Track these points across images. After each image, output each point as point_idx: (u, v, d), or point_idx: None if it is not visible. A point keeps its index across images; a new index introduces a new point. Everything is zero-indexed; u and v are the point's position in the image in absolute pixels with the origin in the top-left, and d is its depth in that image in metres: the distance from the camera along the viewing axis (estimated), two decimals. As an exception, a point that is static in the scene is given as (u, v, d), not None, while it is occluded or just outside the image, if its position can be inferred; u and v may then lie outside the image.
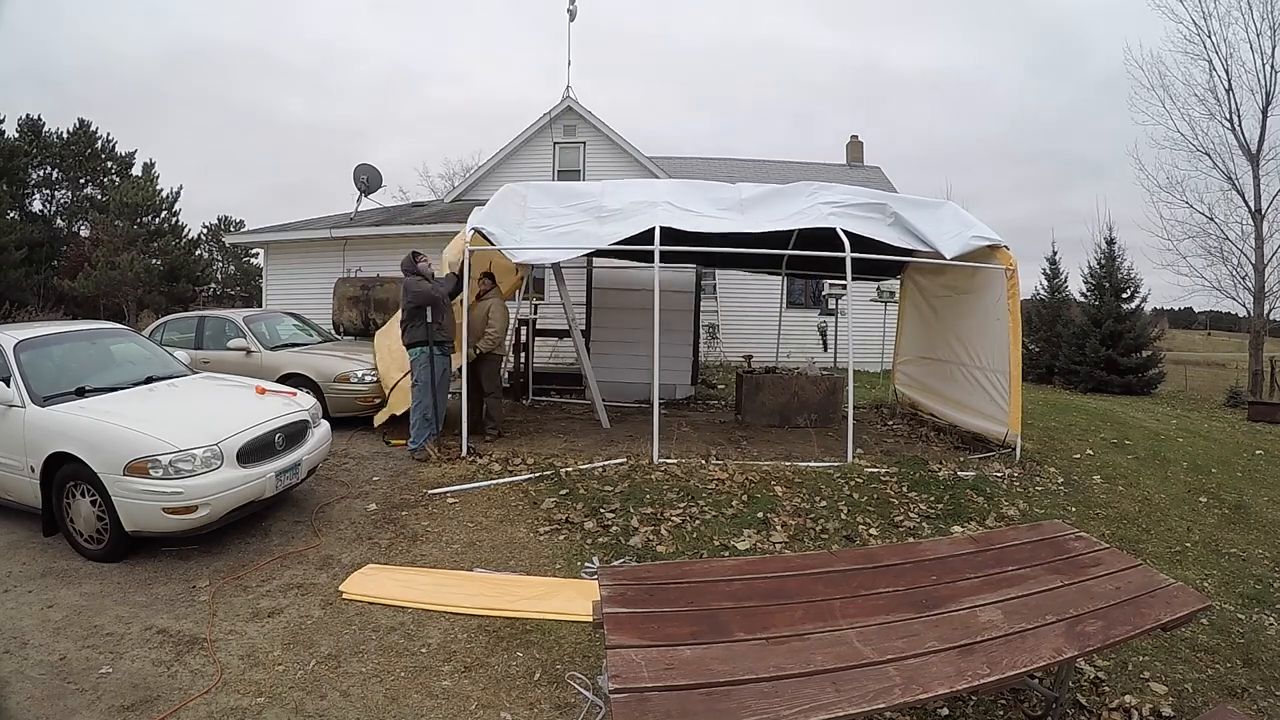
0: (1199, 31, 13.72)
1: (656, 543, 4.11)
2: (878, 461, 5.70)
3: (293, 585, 3.55)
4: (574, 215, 6.25)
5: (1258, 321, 13.79)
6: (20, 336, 4.29)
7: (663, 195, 6.39)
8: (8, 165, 25.67)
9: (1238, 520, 5.06)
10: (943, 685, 1.82)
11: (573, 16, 14.46)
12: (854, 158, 19.31)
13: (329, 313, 10.00)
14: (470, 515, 4.51)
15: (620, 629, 2.06)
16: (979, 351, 6.53)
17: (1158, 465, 6.41)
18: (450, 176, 28.56)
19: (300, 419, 4.46)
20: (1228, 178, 13.83)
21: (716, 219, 6.11)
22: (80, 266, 24.82)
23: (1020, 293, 6.01)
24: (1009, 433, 5.95)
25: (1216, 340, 39.44)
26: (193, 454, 3.63)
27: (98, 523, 3.72)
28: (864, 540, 4.25)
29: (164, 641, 2.99)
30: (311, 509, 4.59)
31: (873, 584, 2.43)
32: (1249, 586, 3.92)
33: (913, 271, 8.19)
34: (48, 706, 2.53)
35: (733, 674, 1.83)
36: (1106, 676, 2.90)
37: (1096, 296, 15.69)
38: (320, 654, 2.92)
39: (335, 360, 6.92)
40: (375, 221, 12.15)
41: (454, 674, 2.81)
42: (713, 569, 2.66)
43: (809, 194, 6.50)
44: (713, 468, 5.33)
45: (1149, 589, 2.41)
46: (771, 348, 10.50)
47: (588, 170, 14.59)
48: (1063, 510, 4.91)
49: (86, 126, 30.21)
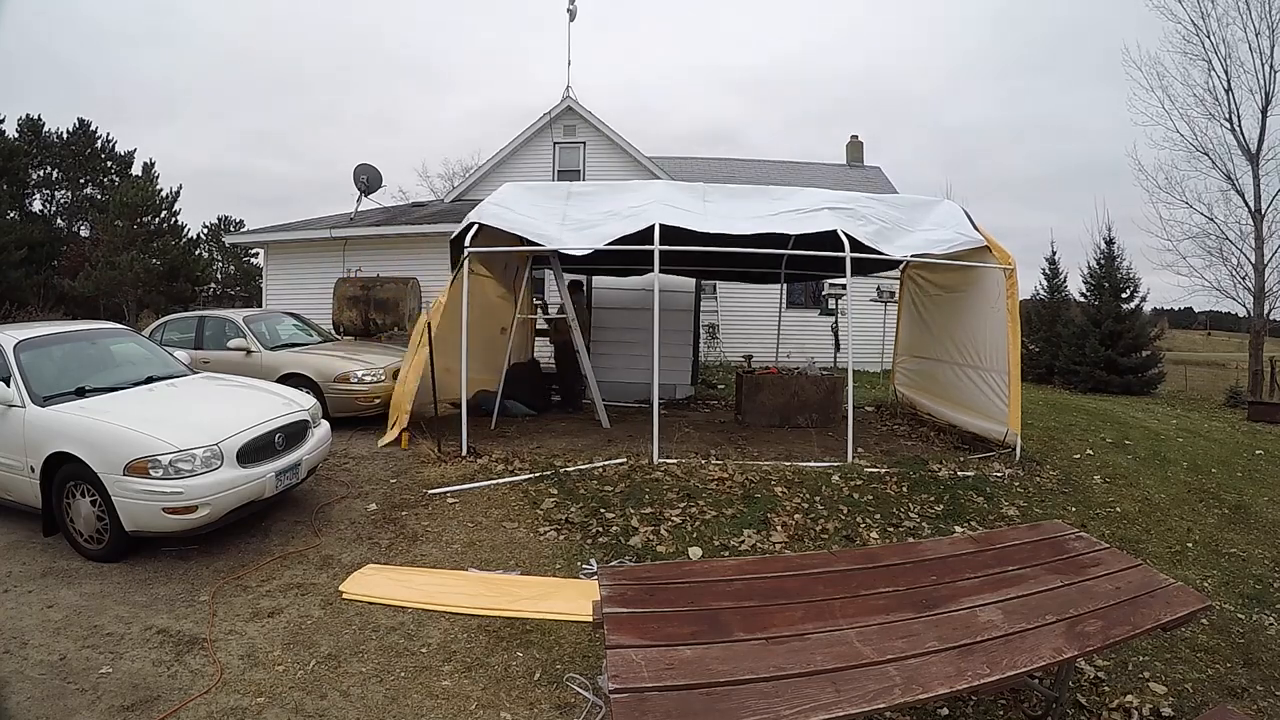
0: (1198, 32, 13.73)
1: (656, 543, 4.11)
2: (878, 461, 5.70)
3: (293, 585, 3.55)
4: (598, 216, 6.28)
5: (1258, 321, 13.78)
6: (20, 336, 4.29)
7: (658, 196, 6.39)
8: (8, 165, 25.69)
9: (1238, 520, 5.06)
10: (943, 685, 1.82)
11: (573, 16, 14.48)
12: (854, 158, 19.30)
13: (329, 313, 10.01)
14: (470, 515, 4.51)
15: (620, 629, 2.06)
16: (979, 351, 6.53)
17: (1158, 465, 6.41)
18: (450, 177, 28.59)
19: (300, 419, 4.46)
20: (1227, 178, 13.84)
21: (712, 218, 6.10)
22: (80, 266, 24.85)
23: (1019, 292, 6.01)
24: (1009, 433, 5.95)
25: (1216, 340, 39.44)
26: (193, 454, 3.63)
27: (98, 523, 3.72)
28: (864, 540, 4.25)
29: (164, 641, 2.99)
30: (311, 509, 4.59)
31: (873, 584, 2.43)
32: (1249, 586, 3.92)
33: (912, 271, 8.20)
34: (48, 706, 2.53)
35: (733, 674, 1.83)
36: (1106, 676, 2.90)
37: (1096, 296, 15.71)
38: (320, 654, 2.92)
39: (335, 360, 6.92)
40: (375, 221, 12.16)
41: (454, 674, 2.81)
42: (713, 569, 2.66)
43: (776, 198, 6.55)
44: (713, 468, 5.32)
45: (1149, 589, 2.41)
46: (771, 348, 10.51)
47: (588, 170, 14.60)
48: (1063, 510, 4.91)
49: (86, 126, 30.24)
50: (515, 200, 6.28)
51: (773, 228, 5.95)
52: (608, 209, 6.16)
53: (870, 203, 6.47)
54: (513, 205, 6.17)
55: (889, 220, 6.27)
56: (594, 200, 6.44)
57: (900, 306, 8.78)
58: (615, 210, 6.11)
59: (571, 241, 5.85)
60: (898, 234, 6.19)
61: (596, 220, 6.01)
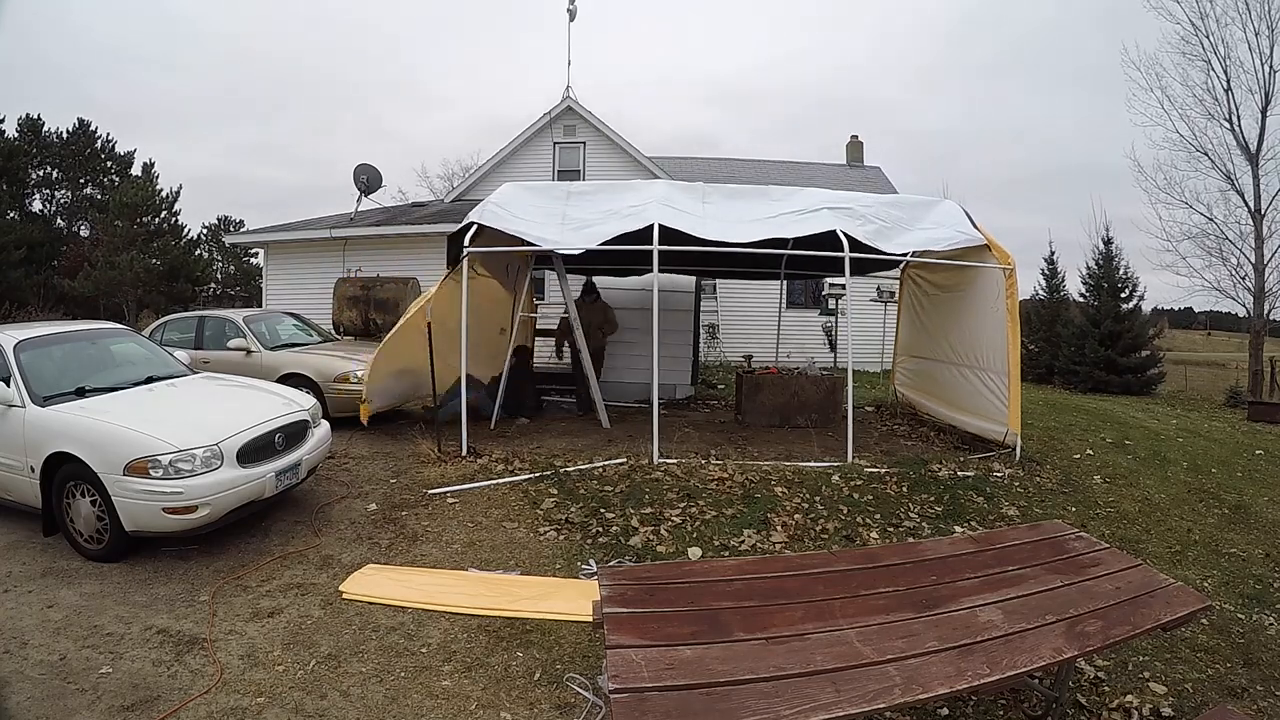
0: (1196, 32, 13.74)
1: (656, 543, 4.11)
2: (878, 461, 5.70)
3: (293, 585, 3.55)
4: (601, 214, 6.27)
5: (1258, 321, 13.79)
6: (20, 336, 4.29)
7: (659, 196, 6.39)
8: (8, 165, 25.70)
9: (1238, 520, 5.06)
10: (943, 685, 1.82)
11: (573, 16, 14.48)
12: (854, 158, 19.30)
13: (329, 313, 10.01)
14: (470, 515, 4.51)
15: (620, 629, 2.06)
16: (978, 351, 6.52)
17: (1158, 465, 6.41)
18: (450, 177, 28.60)
19: (300, 419, 4.46)
20: (1227, 178, 13.86)
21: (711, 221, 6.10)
22: (80, 266, 24.84)
23: (1019, 292, 6.01)
24: (1009, 433, 5.95)
25: (1216, 340, 39.43)
26: (193, 454, 3.63)
27: (98, 523, 3.71)
28: (864, 540, 4.25)
29: (164, 641, 2.99)
30: (311, 509, 4.59)
31: (873, 584, 2.43)
32: (1249, 586, 3.92)
33: (912, 271, 8.20)
34: (48, 706, 2.53)
35: (733, 674, 1.83)
36: (1106, 676, 2.90)
37: (1095, 296, 15.71)
38: (320, 654, 2.92)
39: (335, 360, 6.92)
40: (375, 221, 12.16)
41: (454, 674, 2.81)
42: (713, 569, 2.66)
43: (777, 199, 6.55)
44: (713, 468, 5.32)
45: (1149, 589, 2.41)
46: (771, 348, 10.52)
47: (588, 170, 14.60)
48: (1063, 510, 4.91)
49: (86, 126, 30.25)
50: (514, 200, 6.28)
51: (771, 232, 5.92)
52: (607, 209, 6.16)
53: (870, 202, 6.48)
54: (512, 206, 6.16)
55: (889, 219, 6.26)
56: (593, 200, 6.44)
57: (900, 306, 8.78)
58: (615, 210, 6.10)
59: (570, 241, 5.85)
60: (897, 233, 6.19)
61: (596, 220, 6.00)
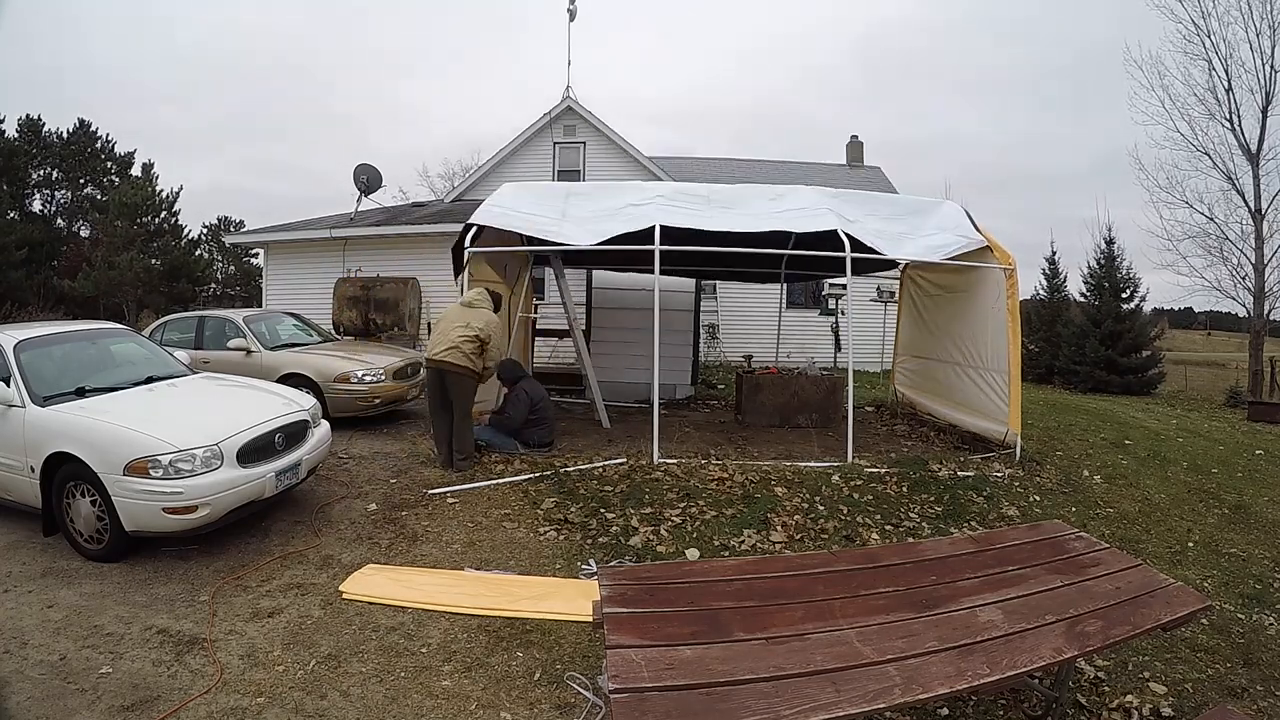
0: (1198, 31, 13.74)
1: (656, 543, 4.11)
2: (878, 461, 5.70)
3: (293, 585, 3.55)
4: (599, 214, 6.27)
5: (1258, 321, 13.79)
6: (20, 336, 4.29)
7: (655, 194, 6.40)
8: (8, 165, 25.72)
9: (1238, 520, 5.06)
10: (943, 685, 1.82)
11: (573, 16, 14.49)
12: (854, 158, 19.30)
13: (329, 313, 10.02)
14: (470, 515, 4.51)
15: (620, 629, 2.06)
16: (979, 351, 6.53)
17: (1158, 465, 6.41)
18: (450, 177, 28.63)
19: (300, 419, 4.46)
20: (1228, 178, 13.85)
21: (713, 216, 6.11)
22: (80, 266, 24.85)
23: (1020, 292, 6.01)
24: (1009, 433, 5.95)
25: (1216, 340, 39.42)
26: (193, 454, 3.62)
27: (98, 523, 3.71)
28: (864, 540, 4.25)
29: (164, 641, 2.99)
30: (311, 509, 4.59)
31: (873, 584, 2.43)
32: (1249, 586, 3.92)
33: (912, 271, 8.20)
34: (48, 706, 2.53)
35: (733, 674, 1.83)
36: (1106, 676, 2.90)
37: (1096, 296, 15.71)
38: (320, 654, 2.92)
39: (335, 360, 6.92)
40: (375, 221, 12.16)
41: (454, 674, 2.81)
42: (713, 569, 2.66)
43: (771, 198, 6.56)
44: (713, 468, 5.32)
45: (1149, 589, 2.41)
46: (771, 348, 10.52)
47: (588, 170, 14.60)
48: (1063, 510, 4.91)
49: (86, 126, 30.25)
50: (514, 200, 6.29)
51: (776, 225, 5.96)
52: (607, 208, 6.17)
53: (872, 203, 6.49)
54: (512, 204, 6.17)
55: (892, 220, 6.27)
56: (593, 200, 6.45)
57: (900, 306, 8.78)
58: (615, 209, 6.11)
59: (572, 236, 5.85)
60: (901, 238, 6.19)
61: (596, 218, 6.01)
